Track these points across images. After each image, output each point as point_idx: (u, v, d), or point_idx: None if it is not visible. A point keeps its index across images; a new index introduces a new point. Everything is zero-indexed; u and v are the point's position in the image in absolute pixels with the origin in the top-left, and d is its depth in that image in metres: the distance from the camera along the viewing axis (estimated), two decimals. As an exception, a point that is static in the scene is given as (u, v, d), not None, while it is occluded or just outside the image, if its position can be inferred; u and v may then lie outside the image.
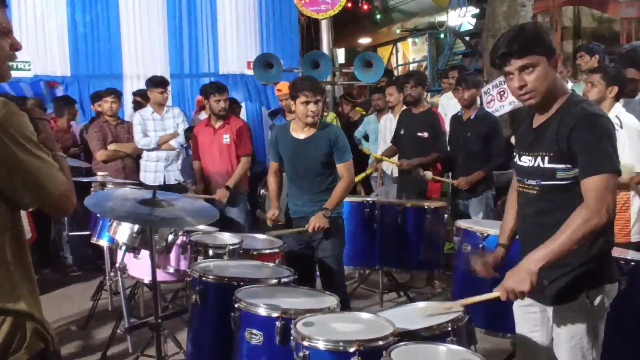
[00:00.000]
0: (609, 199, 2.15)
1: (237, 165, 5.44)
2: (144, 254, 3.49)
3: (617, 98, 3.78)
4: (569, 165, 2.26)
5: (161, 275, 3.72)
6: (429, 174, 5.27)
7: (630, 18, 9.87)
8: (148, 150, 6.17)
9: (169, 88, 6.71)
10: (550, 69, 2.28)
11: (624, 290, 2.92)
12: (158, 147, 6.15)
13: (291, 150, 4.02)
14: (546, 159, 2.31)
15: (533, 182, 2.38)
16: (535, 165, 2.35)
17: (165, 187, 5.99)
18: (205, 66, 9.62)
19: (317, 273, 4.16)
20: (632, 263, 3.14)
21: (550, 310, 2.41)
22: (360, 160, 6.32)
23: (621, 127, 3.60)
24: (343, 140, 3.96)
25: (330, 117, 6.70)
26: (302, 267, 3.75)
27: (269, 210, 4.33)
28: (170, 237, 3.42)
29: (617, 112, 3.70)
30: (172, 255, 3.67)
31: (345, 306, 3.10)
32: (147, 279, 3.75)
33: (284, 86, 6.28)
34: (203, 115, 6.96)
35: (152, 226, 3.00)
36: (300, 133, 3.99)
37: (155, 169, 6.18)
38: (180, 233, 3.58)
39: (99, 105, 6.50)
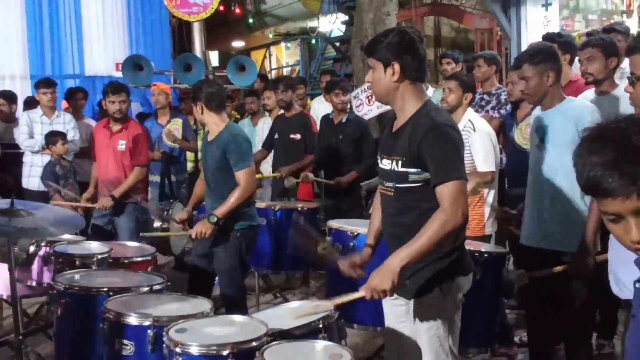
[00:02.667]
0: (462, 202, 2.32)
1: (129, 173, 5.04)
2: (2, 267, 3.26)
3: (470, 103, 4.08)
4: (419, 170, 2.40)
5: (22, 290, 3.50)
6: (310, 176, 5.38)
7: (483, 29, 10.70)
8: (32, 152, 5.93)
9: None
10: (384, 76, 2.44)
11: (479, 279, 3.16)
12: (42, 150, 5.86)
13: (202, 152, 4.05)
14: (399, 162, 2.45)
15: (390, 185, 2.51)
16: (391, 168, 2.48)
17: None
18: (70, 67, 9.14)
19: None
20: (485, 255, 3.41)
21: (411, 303, 2.53)
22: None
23: (474, 130, 3.90)
24: (237, 144, 3.79)
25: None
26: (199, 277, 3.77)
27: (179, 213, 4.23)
28: (32, 248, 3.23)
29: (470, 117, 3.97)
30: (34, 268, 3.45)
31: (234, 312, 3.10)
32: (6, 294, 3.53)
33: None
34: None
35: (9, 238, 2.81)
36: (210, 135, 3.95)
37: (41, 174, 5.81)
38: (42, 244, 3.39)
39: None
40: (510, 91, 4.37)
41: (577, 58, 4.08)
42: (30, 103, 6.85)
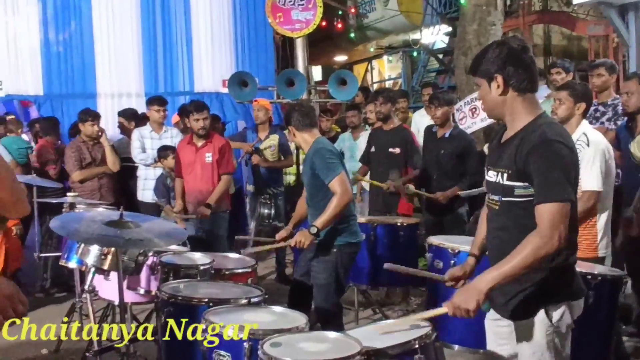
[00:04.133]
0: (561, 228, 2.18)
1: (217, 184, 5.35)
2: (114, 275, 3.44)
3: (584, 114, 3.82)
4: (526, 184, 2.28)
5: (131, 297, 3.69)
6: (411, 188, 5.30)
7: (598, 35, 10.09)
8: (145, 165, 6.26)
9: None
10: (489, 91, 2.36)
11: (592, 304, 2.95)
12: (155, 163, 6.19)
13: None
14: (505, 175, 2.35)
15: (495, 198, 2.42)
16: (497, 180, 2.39)
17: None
18: (181, 84, 9.57)
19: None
20: (599, 277, 3.19)
21: (513, 325, 2.43)
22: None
23: (588, 144, 3.63)
24: (320, 156, 3.78)
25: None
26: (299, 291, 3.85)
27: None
28: (140, 258, 3.38)
29: (585, 130, 3.71)
30: (142, 276, 3.63)
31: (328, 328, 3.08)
32: (117, 300, 3.70)
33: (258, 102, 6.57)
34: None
35: (118, 248, 2.96)
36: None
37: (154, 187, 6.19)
38: (150, 254, 3.55)
39: (83, 126, 6.38)
40: (627, 102, 4.09)
41: None
42: (139, 119, 7.19)
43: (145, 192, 6.28)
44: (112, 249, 3.17)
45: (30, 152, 6.67)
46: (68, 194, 4.92)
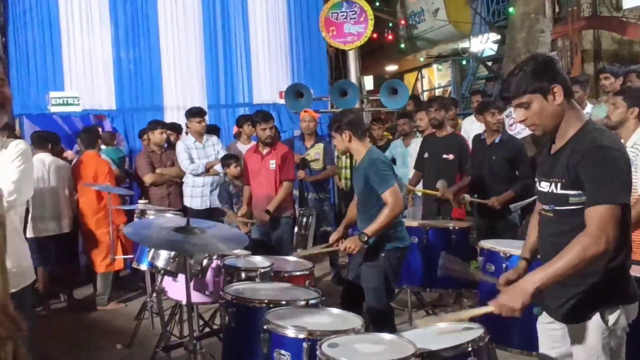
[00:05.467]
0: (610, 229, 2.11)
1: (280, 189, 5.35)
2: (181, 277, 3.52)
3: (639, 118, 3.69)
4: (580, 192, 2.23)
5: (198, 297, 3.76)
6: (467, 197, 5.21)
7: (649, 39, 9.71)
8: (196, 175, 6.28)
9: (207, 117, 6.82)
10: (547, 104, 2.28)
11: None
12: (206, 172, 6.27)
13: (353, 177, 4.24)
14: (559, 185, 2.30)
15: (547, 207, 2.38)
16: (550, 191, 2.34)
17: (211, 211, 6.17)
18: (241, 97, 9.76)
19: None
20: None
21: (567, 328, 2.38)
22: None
23: (644, 150, 3.51)
24: (376, 168, 3.76)
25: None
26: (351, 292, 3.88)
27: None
28: (205, 262, 3.45)
29: None
30: (208, 278, 3.69)
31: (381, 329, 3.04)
32: (184, 300, 3.78)
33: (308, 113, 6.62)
34: (240, 144, 7.04)
35: (184, 253, 3.03)
36: (357, 161, 4.07)
37: (202, 194, 6.31)
38: (214, 257, 3.61)
39: (152, 134, 6.60)
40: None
41: None
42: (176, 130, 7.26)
43: (194, 199, 6.30)
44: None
45: (125, 161, 6.98)
46: (139, 201, 5.09)
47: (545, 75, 2.28)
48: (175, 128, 7.26)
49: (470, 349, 2.33)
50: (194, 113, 6.37)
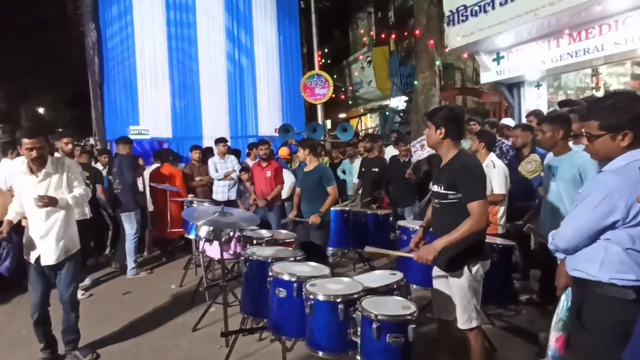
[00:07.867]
0: (484, 214, 2.19)
1: (274, 189, 5.28)
2: (215, 243, 3.49)
3: (488, 149, 3.83)
4: (454, 192, 2.30)
5: (226, 255, 3.67)
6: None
7: (495, 102, 10.03)
8: (218, 179, 6.21)
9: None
10: (435, 134, 2.33)
11: (495, 262, 2.91)
12: (224, 178, 6.19)
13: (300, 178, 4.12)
14: (442, 187, 2.35)
15: (437, 201, 2.41)
16: (438, 190, 2.39)
17: (229, 202, 6.02)
18: (251, 130, 9.70)
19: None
20: (500, 245, 3.15)
21: (449, 275, 2.41)
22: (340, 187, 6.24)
23: (494, 167, 3.67)
24: (327, 173, 3.97)
25: (325, 160, 6.76)
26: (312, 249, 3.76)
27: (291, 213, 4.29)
28: (231, 233, 3.40)
29: (492, 158, 3.73)
30: (232, 244, 3.62)
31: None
32: (217, 257, 3.73)
33: (283, 150, 6.59)
34: (249, 160, 6.96)
35: (220, 227, 2.98)
36: (307, 167, 4.05)
37: (223, 191, 6.23)
38: (237, 230, 3.57)
39: (192, 154, 6.46)
40: (514, 141, 4.06)
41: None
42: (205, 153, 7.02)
43: (217, 194, 6.17)
44: (216, 228, 3.18)
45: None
46: (189, 195, 4.97)
47: (444, 119, 2.33)
48: (210, 150, 7.13)
49: (395, 286, 2.36)
50: (219, 140, 6.34)
